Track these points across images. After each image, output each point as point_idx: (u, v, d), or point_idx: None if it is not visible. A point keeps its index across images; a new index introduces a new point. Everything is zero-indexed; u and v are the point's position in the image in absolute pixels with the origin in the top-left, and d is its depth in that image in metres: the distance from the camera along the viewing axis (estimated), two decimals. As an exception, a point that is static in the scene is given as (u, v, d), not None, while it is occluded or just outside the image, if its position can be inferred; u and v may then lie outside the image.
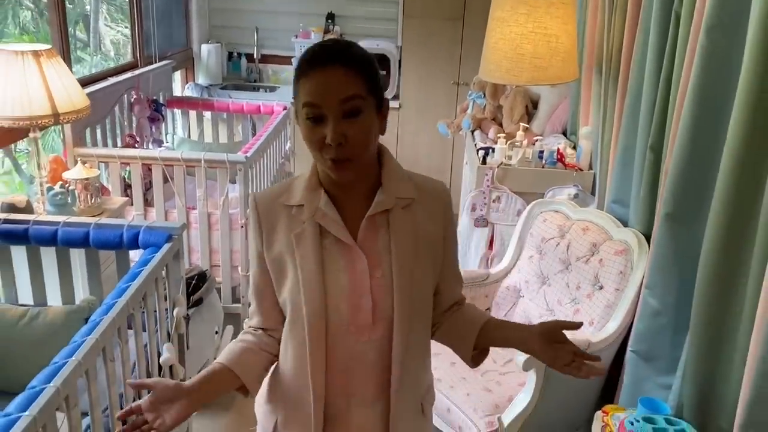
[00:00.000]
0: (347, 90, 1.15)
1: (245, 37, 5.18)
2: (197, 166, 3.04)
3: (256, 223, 1.29)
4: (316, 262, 1.24)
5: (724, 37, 1.70)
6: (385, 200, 1.25)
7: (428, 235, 1.29)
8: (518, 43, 2.47)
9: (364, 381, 1.28)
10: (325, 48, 1.19)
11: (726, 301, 1.66)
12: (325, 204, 1.25)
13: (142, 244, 2.15)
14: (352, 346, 1.26)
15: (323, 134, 1.15)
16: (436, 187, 1.34)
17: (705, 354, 1.73)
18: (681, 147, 1.85)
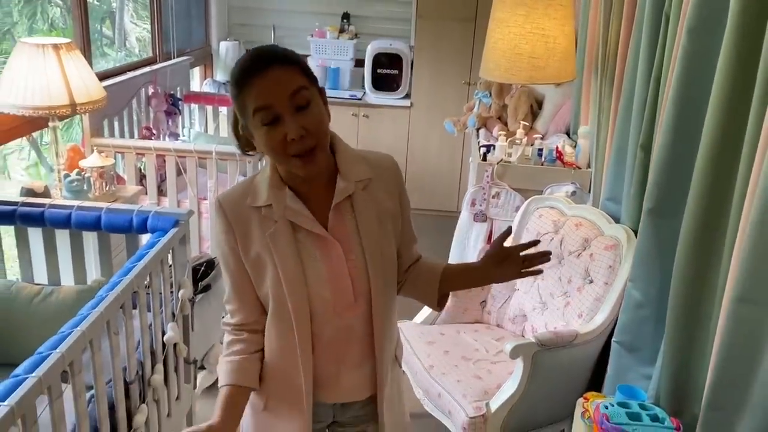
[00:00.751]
0: (292, 84, 1.20)
1: (263, 35, 5.30)
2: (209, 157, 3.16)
3: (226, 227, 1.33)
4: (294, 258, 1.32)
5: (704, 39, 1.77)
6: (347, 186, 1.34)
7: (388, 209, 1.40)
8: (516, 43, 2.55)
9: (352, 349, 1.42)
10: (255, 56, 1.23)
11: (699, 293, 1.72)
12: (292, 201, 1.31)
13: (151, 229, 2.26)
14: (338, 324, 1.38)
15: (283, 133, 1.20)
16: (385, 162, 1.42)
17: (679, 343, 1.79)
18: (663, 144, 1.92)
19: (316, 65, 5.13)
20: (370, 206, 1.37)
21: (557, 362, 2.27)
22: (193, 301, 2.48)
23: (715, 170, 1.64)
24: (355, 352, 1.42)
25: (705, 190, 1.67)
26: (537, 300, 2.63)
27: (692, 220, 1.71)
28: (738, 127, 1.57)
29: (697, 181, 1.69)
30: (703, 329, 1.74)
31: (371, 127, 4.96)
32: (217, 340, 3.01)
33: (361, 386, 1.47)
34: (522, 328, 2.70)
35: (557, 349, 2.23)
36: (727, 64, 1.59)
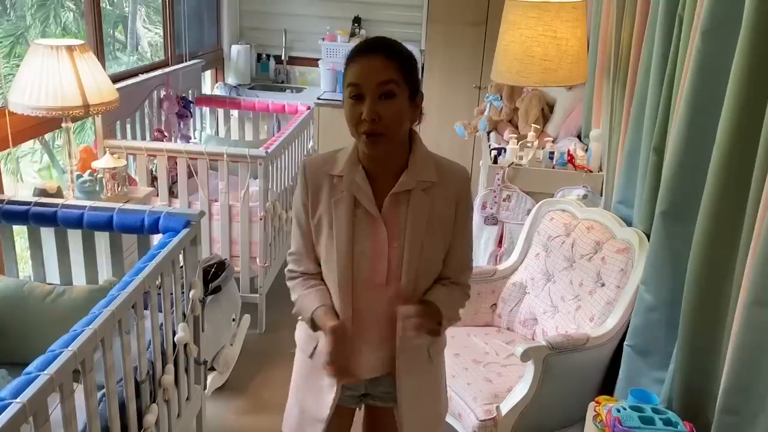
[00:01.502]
0: (384, 75, 1.36)
1: (274, 39, 5.33)
2: (220, 159, 3.17)
3: (303, 185, 1.52)
4: (348, 228, 1.48)
5: (718, 41, 1.76)
6: (408, 182, 1.47)
7: (442, 215, 1.50)
8: (528, 45, 2.55)
9: (375, 329, 1.54)
10: (372, 41, 1.43)
11: (714, 298, 1.71)
12: (361, 178, 1.47)
13: (162, 229, 2.27)
14: (368, 299, 1.52)
15: (360, 110, 1.36)
16: (455, 172, 1.53)
17: (694, 349, 1.78)
18: (676, 147, 1.91)
19: (326, 69, 5.15)
20: (425, 206, 1.47)
21: (568, 366, 2.26)
22: (204, 301, 2.49)
23: (729, 173, 1.63)
24: (375, 332, 1.54)
25: (719, 193, 1.66)
26: (548, 303, 2.61)
27: (706, 223, 1.70)
28: (753, 130, 1.56)
29: (711, 185, 1.67)
30: (717, 333, 1.72)
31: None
32: (227, 341, 3.02)
33: (376, 367, 1.60)
34: (533, 332, 2.68)
35: (568, 353, 2.22)
36: (743, 66, 1.58)
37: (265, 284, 3.42)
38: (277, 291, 3.68)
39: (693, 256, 1.75)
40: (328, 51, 5.16)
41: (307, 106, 4.34)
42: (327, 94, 5.09)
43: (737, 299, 1.63)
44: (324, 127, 4.88)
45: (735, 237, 1.63)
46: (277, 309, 3.60)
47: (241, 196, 3.24)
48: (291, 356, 1.66)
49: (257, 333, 3.46)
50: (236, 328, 3.20)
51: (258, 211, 3.28)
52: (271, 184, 3.37)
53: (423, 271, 1.52)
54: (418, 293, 1.53)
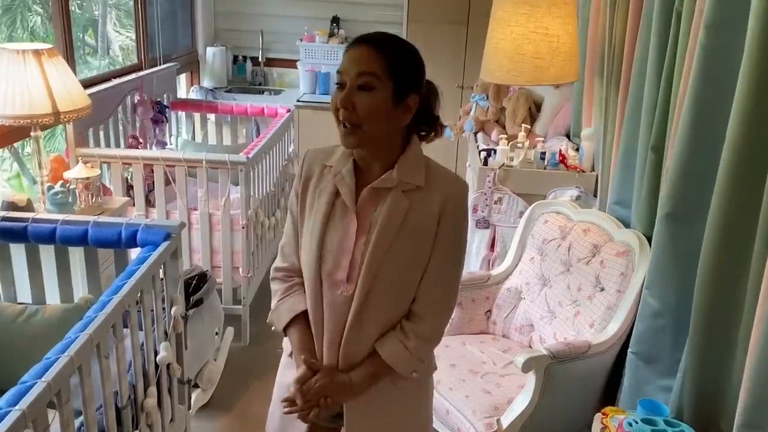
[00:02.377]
0: (365, 66, 1.32)
1: (250, 40, 5.19)
2: (199, 166, 3.04)
3: (299, 173, 1.50)
4: (323, 219, 1.43)
5: (723, 36, 1.69)
6: (389, 179, 1.40)
7: (419, 224, 1.40)
8: (519, 43, 2.46)
9: (332, 329, 1.45)
10: (365, 34, 1.39)
11: (727, 301, 1.64)
12: (346, 171, 1.42)
13: (141, 243, 2.14)
14: (327, 296, 1.45)
15: (339, 98, 1.34)
16: (447, 182, 1.44)
17: (705, 355, 1.70)
18: (680, 146, 1.84)
19: (305, 70, 5.03)
20: (400, 208, 1.40)
21: (570, 375, 2.18)
22: (186, 317, 2.36)
23: (742, 172, 1.55)
24: (334, 331, 1.45)
25: (731, 194, 1.58)
26: (545, 309, 2.53)
27: (717, 225, 1.63)
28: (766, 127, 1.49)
29: (722, 184, 1.60)
30: (729, 340, 1.65)
31: (363, 133, 4.85)
32: (210, 356, 2.89)
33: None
34: (529, 338, 2.60)
35: (570, 361, 2.13)
36: (753, 62, 1.50)
37: (248, 295, 3.29)
38: (261, 302, 3.55)
39: (703, 259, 1.68)
40: (306, 52, 5.04)
41: (287, 109, 4.22)
42: (307, 96, 4.97)
43: (752, 304, 1.55)
44: (304, 130, 4.76)
45: (748, 239, 1.56)
46: (261, 320, 3.46)
47: (221, 203, 3.12)
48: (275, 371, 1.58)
49: (241, 345, 3.33)
50: (219, 342, 3.07)
51: (240, 219, 3.16)
52: (253, 190, 3.25)
53: (384, 277, 1.39)
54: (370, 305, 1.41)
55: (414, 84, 1.39)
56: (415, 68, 1.40)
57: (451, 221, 1.41)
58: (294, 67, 5.16)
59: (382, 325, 1.45)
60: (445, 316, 1.50)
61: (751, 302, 1.56)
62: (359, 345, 1.45)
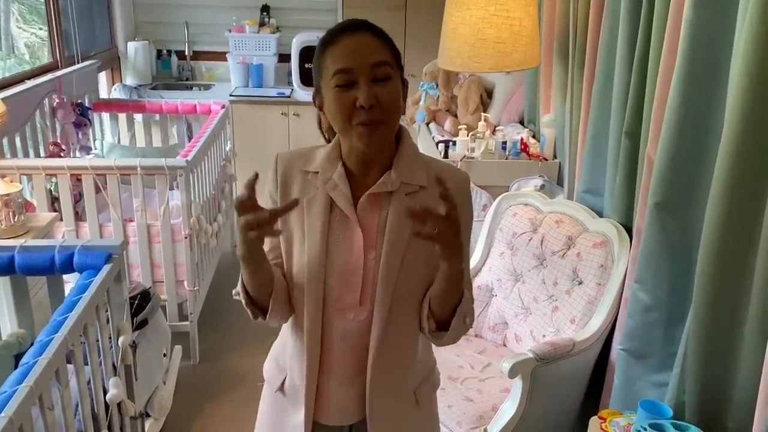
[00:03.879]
0: (379, 55, 1.15)
1: (174, 33, 4.88)
2: (133, 173, 2.76)
3: (273, 179, 1.29)
4: (322, 234, 1.23)
5: (713, 10, 1.59)
6: (390, 182, 1.23)
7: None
8: (480, 27, 2.32)
9: (347, 362, 1.28)
10: (351, 20, 1.20)
11: (730, 295, 1.55)
12: (338, 176, 1.24)
13: (78, 267, 1.89)
14: (336, 325, 1.26)
15: (354, 97, 1.14)
16: (451, 177, 1.25)
17: (708, 351, 1.61)
18: (669, 131, 1.73)
19: (236, 63, 4.76)
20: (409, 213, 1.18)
21: (555, 375, 2.07)
22: (135, 346, 2.12)
23: (744, 156, 1.45)
24: (346, 365, 1.28)
25: (732, 180, 1.48)
26: (519, 305, 2.42)
27: (718, 213, 1.52)
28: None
29: (722, 168, 1.50)
30: (734, 335, 1.56)
31: (303, 127, 4.63)
32: (159, 380, 2.64)
33: (348, 410, 1.32)
34: (503, 337, 2.49)
35: (555, 361, 2.03)
36: (752, 36, 1.40)
37: (195, 310, 3.05)
38: (209, 315, 3.32)
39: (703, 250, 1.58)
40: (236, 43, 4.77)
41: (222, 105, 3.96)
42: (240, 90, 4.70)
43: (758, 297, 1.47)
44: (240, 127, 4.50)
45: (753, 227, 1.47)
46: (210, 335, 3.25)
47: (160, 213, 2.85)
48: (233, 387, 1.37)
49: (191, 364, 3.09)
50: (168, 363, 2.82)
51: (182, 229, 2.90)
52: (194, 195, 3.00)
53: (402, 294, 1.24)
54: (400, 312, 1.25)
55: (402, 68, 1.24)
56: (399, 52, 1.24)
57: (462, 212, 1.23)
58: (224, 60, 4.88)
59: (410, 346, 1.29)
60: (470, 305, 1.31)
61: (758, 296, 1.47)
62: (390, 373, 1.28)
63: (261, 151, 4.67)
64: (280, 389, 1.37)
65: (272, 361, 1.43)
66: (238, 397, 2.81)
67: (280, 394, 1.37)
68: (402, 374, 1.33)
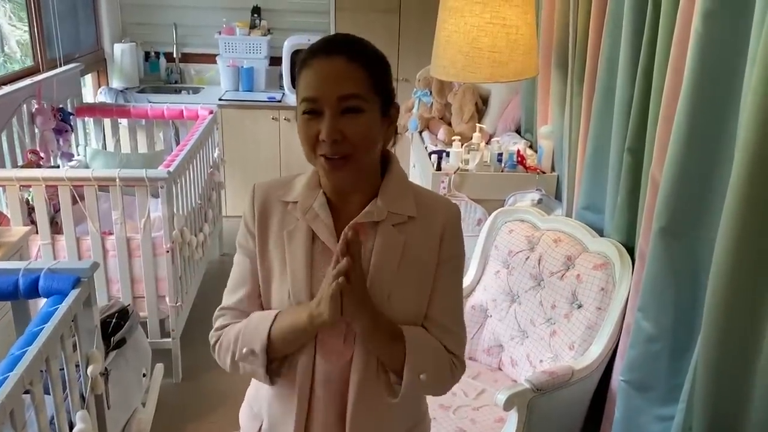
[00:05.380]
0: (348, 87, 1.06)
1: (163, 34, 4.74)
2: (111, 185, 2.64)
3: (250, 209, 1.21)
4: (305, 266, 1.15)
5: (723, 24, 1.47)
6: (376, 212, 1.14)
7: (419, 260, 1.17)
8: (475, 35, 2.20)
9: (327, 408, 1.18)
10: (331, 39, 1.12)
11: (744, 323, 1.43)
12: (319, 206, 1.16)
13: (44, 292, 1.76)
14: (320, 367, 1.17)
15: (318, 128, 1.07)
16: (440, 207, 1.20)
17: (719, 384, 1.50)
18: (676, 152, 1.62)
19: (226, 65, 4.63)
20: (395, 245, 1.15)
21: (553, 406, 1.96)
22: (107, 373, 1.99)
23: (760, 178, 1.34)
24: (328, 410, 1.18)
25: (746, 201, 1.37)
26: (515, 328, 2.30)
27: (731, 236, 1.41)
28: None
29: (736, 189, 1.38)
30: (749, 368, 1.45)
31: (295, 132, 4.48)
32: (138, 403, 2.52)
33: None
34: (498, 360, 2.37)
35: (553, 391, 1.92)
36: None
37: (178, 326, 2.92)
38: (192, 331, 3.19)
39: (714, 277, 1.46)
40: (226, 45, 4.64)
41: (209, 110, 3.83)
42: (230, 94, 4.58)
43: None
44: (229, 132, 4.37)
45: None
46: (193, 351, 3.12)
47: (141, 225, 2.73)
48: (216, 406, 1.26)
49: (173, 383, 2.96)
50: (148, 384, 2.70)
51: (163, 242, 2.78)
52: (177, 206, 2.88)
53: None
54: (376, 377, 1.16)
55: (393, 91, 1.15)
56: (390, 73, 1.15)
57: (452, 248, 1.19)
58: (213, 63, 4.75)
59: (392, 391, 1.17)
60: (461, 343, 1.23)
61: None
62: (371, 420, 1.18)
63: (251, 157, 4.57)
64: None
65: (246, 408, 1.32)
66: (221, 417, 2.69)
67: None
68: (384, 422, 1.22)
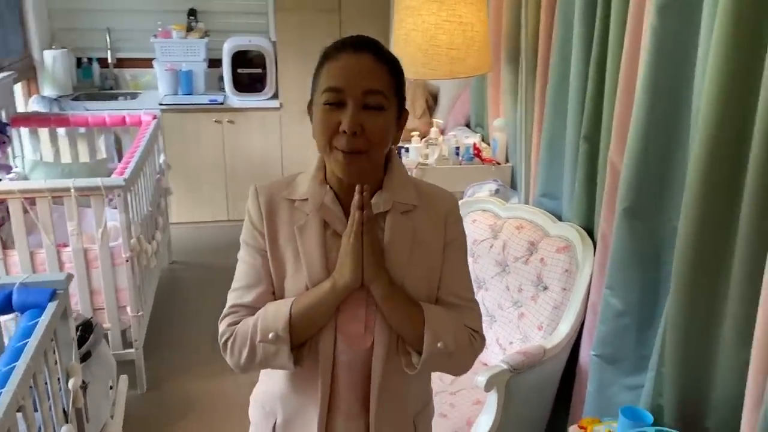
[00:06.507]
0: (374, 83, 1.10)
1: (95, 40, 4.61)
2: (66, 195, 2.57)
3: (256, 209, 1.22)
4: (321, 257, 1.17)
5: (678, 17, 1.59)
6: (382, 203, 1.19)
7: (427, 243, 1.22)
8: (433, 33, 2.27)
9: (349, 395, 1.23)
10: (358, 38, 1.14)
11: (708, 294, 1.55)
12: (330, 201, 1.19)
13: (18, 307, 1.72)
14: (342, 356, 1.20)
15: (338, 120, 1.09)
16: (440, 195, 1.26)
17: (686, 351, 1.62)
18: (636, 138, 1.73)
19: (163, 69, 4.54)
20: (405, 231, 1.19)
21: (527, 384, 2.05)
22: (85, 386, 1.96)
23: (718, 157, 1.46)
24: (351, 397, 1.22)
25: (705, 182, 1.49)
26: (483, 314, 2.38)
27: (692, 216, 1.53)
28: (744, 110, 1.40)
29: (696, 170, 1.50)
30: (710, 338, 1.57)
31: (239, 134, 4.48)
32: (107, 415, 2.47)
33: None
34: (468, 346, 2.45)
35: (527, 370, 2.01)
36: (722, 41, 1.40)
37: (140, 336, 2.87)
38: (153, 341, 3.14)
39: (679, 252, 1.58)
40: (163, 49, 4.54)
41: (153, 116, 3.76)
42: (169, 98, 4.49)
43: (735, 297, 1.48)
44: (171, 136, 4.29)
45: (729, 228, 1.47)
46: (156, 361, 3.08)
47: (98, 236, 2.66)
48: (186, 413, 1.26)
49: (138, 393, 2.91)
50: (114, 396, 2.64)
51: (122, 251, 2.73)
52: (132, 214, 2.82)
53: None
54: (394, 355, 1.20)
55: (405, 99, 1.19)
56: (404, 82, 1.18)
57: (456, 230, 1.25)
58: (150, 67, 4.65)
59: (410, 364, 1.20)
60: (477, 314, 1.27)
61: (735, 299, 1.48)
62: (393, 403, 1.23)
63: (195, 161, 4.50)
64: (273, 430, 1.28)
65: (257, 408, 1.33)
66: (193, 423, 2.67)
67: None
68: (404, 403, 1.28)
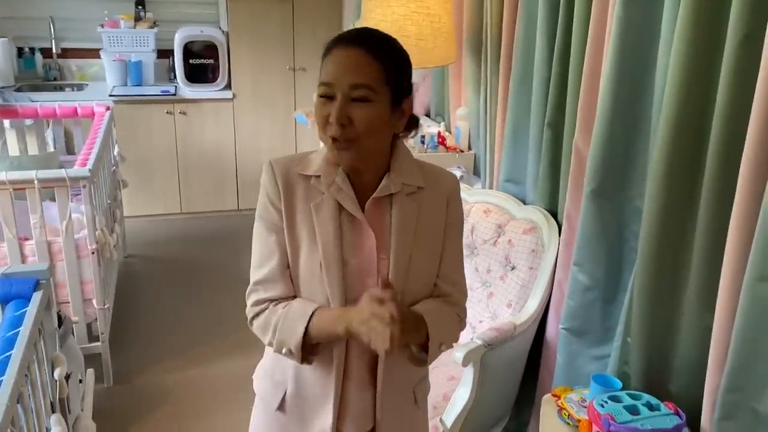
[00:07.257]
0: (360, 77, 1.15)
1: (37, 29, 4.46)
2: (29, 188, 2.52)
3: (273, 184, 1.26)
4: (335, 236, 1.23)
5: (642, 7, 1.71)
6: (390, 185, 1.25)
7: (431, 223, 1.30)
8: (402, 24, 2.34)
9: (359, 364, 1.29)
10: (356, 32, 1.22)
11: (670, 273, 1.69)
12: (341, 180, 1.24)
13: (2, 298, 1.70)
14: None
15: (329, 112, 1.16)
16: (443, 176, 1.34)
17: (651, 321, 1.76)
18: (602, 124, 1.85)
19: (111, 60, 4.45)
20: (411, 212, 1.27)
21: (500, 359, 2.16)
22: (68, 377, 1.95)
23: (680, 145, 1.59)
24: (361, 368, 1.30)
25: (669, 165, 1.62)
26: (452, 295, 2.49)
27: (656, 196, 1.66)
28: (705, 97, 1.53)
29: (661, 152, 1.62)
30: (675, 309, 1.71)
31: (191, 125, 4.43)
32: (79, 409, 2.45)
33: (363, 416, 1.33)
34: (438, 327, 2.55)
35: (500, 345, 2.12)
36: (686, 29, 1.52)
37: (106, 329, 2.84)
38: (120, 333, 3.11)
39: (645, 227, 1.71)
40: (111, 39, 4.44)
41: (106, 106, 3.70)
42: (119, 89, 4.40)
43: (696, 270, 1.62)
44: (123, 128, 4.21)
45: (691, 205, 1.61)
46: (122, 354, 3.05)
47: (62, 228, 2.62)
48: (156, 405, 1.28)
49: (105, 387, 2.88)
50: (83, 389, 2.61)
51: (87, 244, 2.69)
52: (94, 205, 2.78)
53: (409, 291, 1.27)
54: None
55: (408, 86, 1.24)
56: (407, 68, 1.24)
57: (456, 211, 1.34)
58: (97, 57, 4.54)
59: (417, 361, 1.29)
60: (464, 294, 1.38)
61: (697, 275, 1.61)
62: (397, 374, 1.32)
63: (148, 153, 4.43)
64: (279, 408, 1.33)
65: (266, 379, 1.38)
66: (165, 415, 2.67)
67: (280, 413, 1.34)
68: (407, 374, 1.36)
